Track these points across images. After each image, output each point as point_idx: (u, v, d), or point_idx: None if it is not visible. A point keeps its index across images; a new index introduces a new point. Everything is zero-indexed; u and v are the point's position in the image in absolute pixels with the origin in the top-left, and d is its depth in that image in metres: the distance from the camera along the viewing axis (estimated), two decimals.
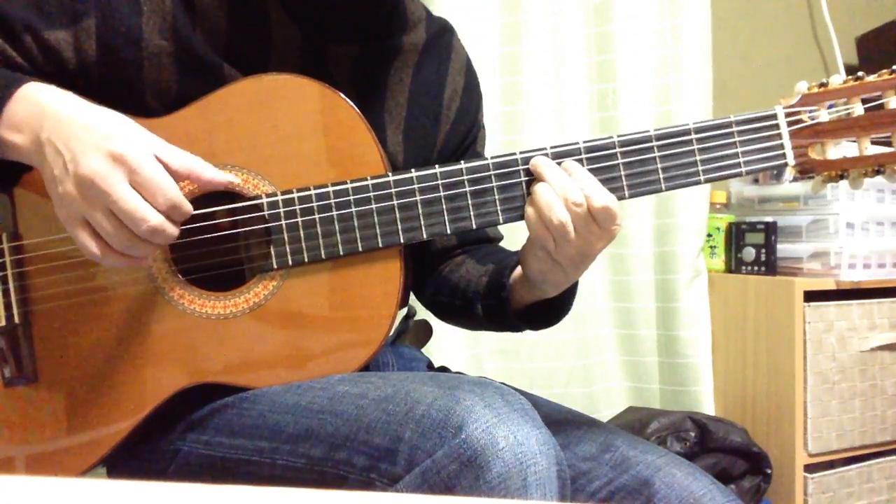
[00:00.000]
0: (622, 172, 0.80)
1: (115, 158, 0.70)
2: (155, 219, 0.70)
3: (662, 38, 1.84)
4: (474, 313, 0.95)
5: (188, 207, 0.73)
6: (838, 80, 0.79)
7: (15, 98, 0.74)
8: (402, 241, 0.80)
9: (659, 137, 0.80)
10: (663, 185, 0.80)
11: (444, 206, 0.80)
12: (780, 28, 2.25)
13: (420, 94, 0.97)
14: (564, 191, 0.76)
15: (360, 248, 0.80)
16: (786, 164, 0.80)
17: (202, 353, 0.81)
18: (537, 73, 1.79)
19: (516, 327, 0.94)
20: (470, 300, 0.95)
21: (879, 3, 2.33)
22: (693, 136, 0.79)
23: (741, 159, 0.79)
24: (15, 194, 0.82)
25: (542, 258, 0.80)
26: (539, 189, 0.78)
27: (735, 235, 1.85)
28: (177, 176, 0.73)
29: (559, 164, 0.79)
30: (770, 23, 2.23)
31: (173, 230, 0.72)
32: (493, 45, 1.77)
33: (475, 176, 0.80)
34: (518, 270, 0.89)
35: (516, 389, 0.77)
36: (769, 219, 1.80)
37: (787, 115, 0.80)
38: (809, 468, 1.64)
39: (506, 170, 0.80)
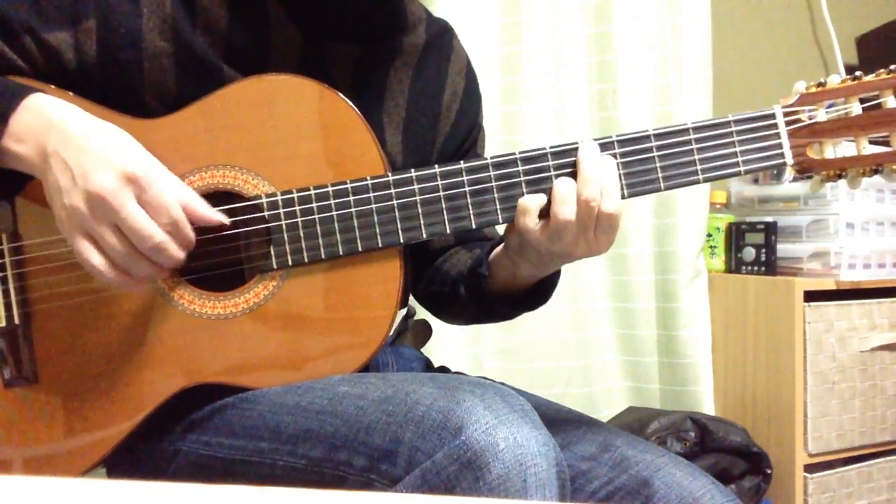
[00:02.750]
0: (621, 172, 0.80)
1: (126, 177, 0.71)
2: (160, 237, 0.72)
3: (662, 38, 1.84)
4: (458, 295, 0.95)
5: (190, 231, 0.75)
6: (836, 79, 0.79)
7: (21, 108, 0.74)
8: (401, 240, 0.80)
9: (657, 137, 0.80)
10: (662, 185, 0.80)
11: (444, 206, 0.80)
12: (780, 28, 2.25)
13: (419, 95, 0.97)
14: (585, 188, 0.78)
15: (360, 248, 0.80)
16: (784, 164, 0.80)
17: (202, 354, 0.81)
18: (537, 73, 1.79)
19: (494, 309, 0.93)
20: (454, 282, 0.96)
21: (879, 3, 2.33)
22: (692, 135, 0.79)
23: (740, 158, 0.79)
24: (15, 197, 0.82)
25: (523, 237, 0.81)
26: (562, 183, 0.79)
27: (735, 235, 1.85)
28: None
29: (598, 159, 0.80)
30: (770, 23, 2.23)
31: (176, 251, 0.74)
32: (493, 45, 1.77)
33: (474, 176, 0.80)
34: (498, 249, 0.89)
35: (516, 390, 0.77)
36: (769, 219, 1.80)
37: (786, 114, 0.80)
38: (809, 468, 1.64)
39: (505, 170, 0.80)
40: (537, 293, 0.91)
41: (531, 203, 0.79)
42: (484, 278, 0.89)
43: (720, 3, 1.95)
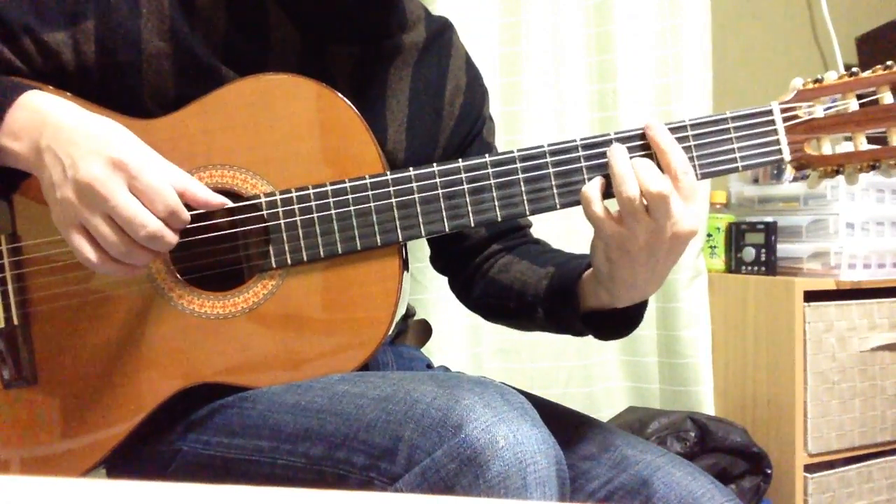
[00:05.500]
0: None
1: (115, 164, 0.70)
2: (154, 224, 0.71)
3: (662, 38, 1.84)
4: (534, 316, 0.92)
5: (186, 216, 0.73)
6: (833, 76, 0.79)
7: (16, 106, 0.74)
8: (400, 239, 0.81)
9: None
10: None
11: (443, 205, 0.80)
12: (780, 28, 2.25)
13: (421, 92, 0.97)
14: (673, 160, 0.75)
15: (359, 247, 0.80)
16: (782, 160, 0.80)
17: (202, 354, 0.81)
18: (537, 73, 1.79)
19: (580, 332, 0.90)
20: (529, 303, 0.92)
21: (879, 3, 2.33)
22: (689, 132, 0.79)
23: (737, 155, 0.79)
24: (14, 196, 0.82)
25: (610, 245, 0.77)
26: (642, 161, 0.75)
27: (735, 235, 1.85)
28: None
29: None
30: (770, 23, 2.23)
31: (172, 237, 0.73)
32: (493, 45, 1.77)
33: (473, 174, 0.80)
34: (588, 275, 0.85)
35: (516, 389, 0.77)
36: (769, 219, 1.80)
37: (783, 110, 0.79)
38: (809, 468, 1.64)
39: (503, 167, 0.80)
40: (629, 319, 0.86)
41: (591, 190, 0.76)
42: (576, 312, 0.86)
43: (720, 3, 1.95)
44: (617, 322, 0.87)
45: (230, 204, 0.78)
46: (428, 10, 1.02)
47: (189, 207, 0.74)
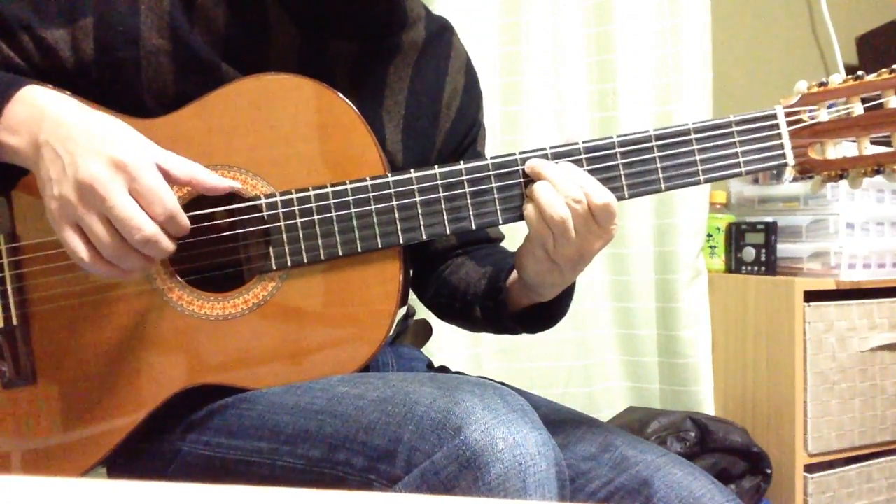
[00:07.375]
0: (622, 172, 0.80)
1: (116, 165, 0.69)
2: (150, 228, 0.69)
3: (662, 38, 1.84)
4: (473, 316, 0.95)
5: (185, 222, 0.73)
6: (838, 79, 0.79)
7: (14, 100, 0.74)
8: (401, 241, 0.80)
9: (658, 137, 0.80)
10: (663, 186, 0.80)
11: (444, 207, 0.80)
12: (780, 28, 2.25)
13: (419, 93, 0.97)
14: (565, 189, 0.76)
15: (360, 249, 0.80)
16: (785, 164, 0.80)
17: (201, 354, 0.81)
18: (537, 73, 1.79)
19: (513, 330, 0.93)
20: (469, 303, 0.95)
21: (879, 3, 2.33)
22: (693, 135, 0.79)
23: (741, 159, 0.79)
24: (13, 196, 0.82)
25: (540, 258, 0.80)
26: (539, 187, 0.77)
27: (735, 235, 1.85)
28: (179, 183, 0.73)
29: (556, 164, 0.79)
30: (770, 23, 2.23)
31: (168, 244, 0.72)
32: (493, 45, 1.77)
33: (474, 176, 0.80)
34: (515, 273, 0.88)
35: (516, 390, 0.77)
36: (769, 219, 1.80)
37: (787, 114, 0.79)
38: (809, 468, 1.64)
39: (505, 170, 0.80)
40: (557, 308, 0.90)
41: (531, 212, 0.79)
42: (504, 307, 0.89)
43: (720, 3, 1.95)
44: (547, 312, 0.90)
45: (238, 186, 0.78)
46: (428, 10, 1.02)
47: (195, 206, 0.74)
